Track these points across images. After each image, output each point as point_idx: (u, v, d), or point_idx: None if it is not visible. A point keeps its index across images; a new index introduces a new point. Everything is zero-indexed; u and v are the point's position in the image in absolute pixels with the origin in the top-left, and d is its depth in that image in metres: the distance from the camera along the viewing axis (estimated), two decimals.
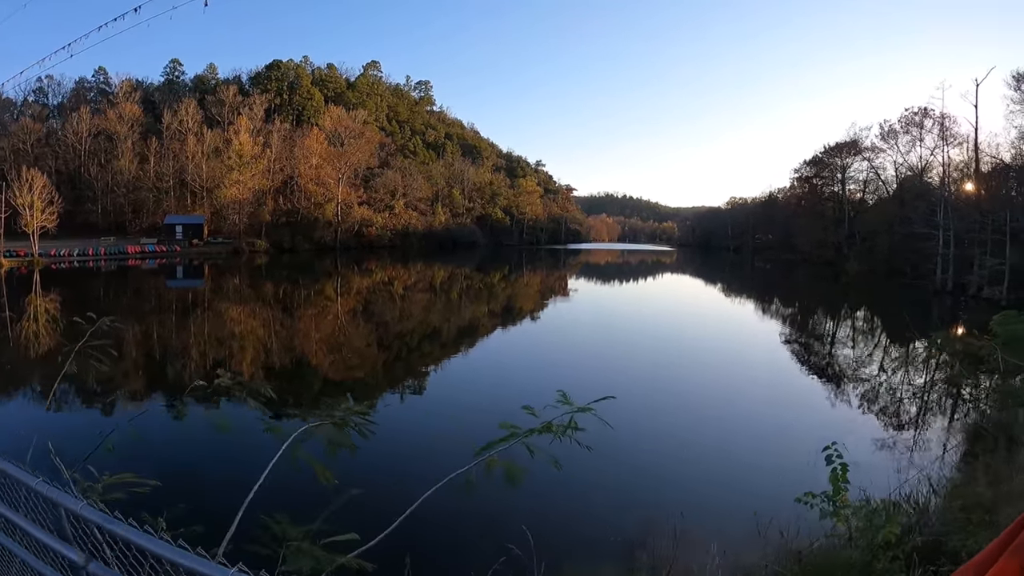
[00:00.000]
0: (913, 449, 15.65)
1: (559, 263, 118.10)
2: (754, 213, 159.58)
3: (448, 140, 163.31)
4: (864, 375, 26.14)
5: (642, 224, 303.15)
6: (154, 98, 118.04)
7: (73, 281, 59.39)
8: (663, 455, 14.48)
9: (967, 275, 53.55)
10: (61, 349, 13.43)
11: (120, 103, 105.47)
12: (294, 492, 5.74)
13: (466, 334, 34.94)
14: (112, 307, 41.53)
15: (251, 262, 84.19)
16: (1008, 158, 59.88)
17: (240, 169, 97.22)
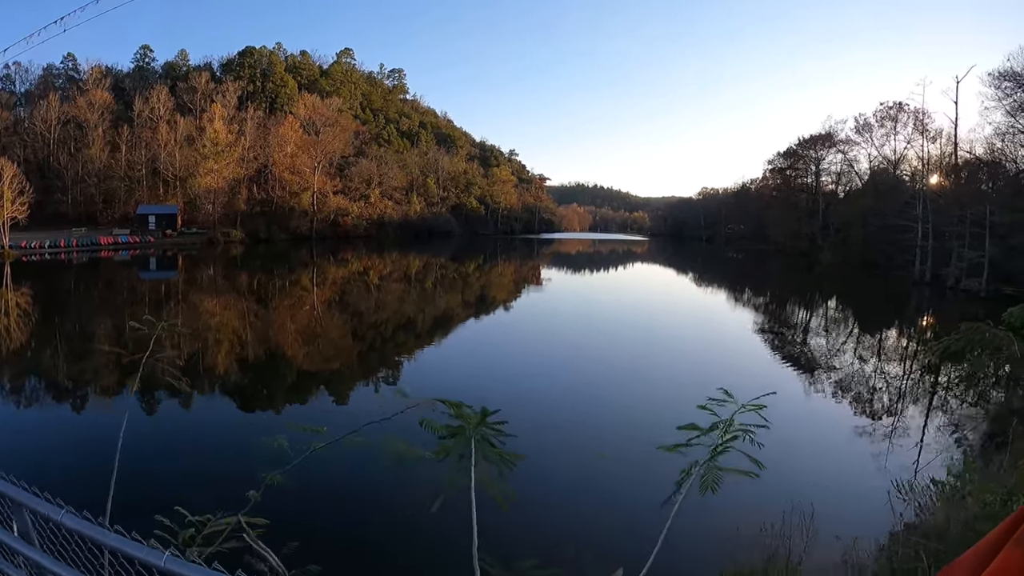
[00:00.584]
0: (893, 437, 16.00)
1: (533, 253, 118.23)
2: (726, 204, 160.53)
3: (422, 129, 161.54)
4: (880, 366, 26.48)
5: (613, 214, 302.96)
6: (124, 85, 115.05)
7: (45, 274, 57.75)
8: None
9: (944, 267, 55.10)
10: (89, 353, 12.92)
11: (90, 90, 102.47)
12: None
13: (441, 325, 34.98)
14: (87, 301, 40.91)
15: (226, 252, 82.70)
16: (980, 152, 61.00)
17: (215, 157, 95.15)
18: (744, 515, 9.51)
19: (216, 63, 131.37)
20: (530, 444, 12.25)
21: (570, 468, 13.01)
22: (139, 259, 73.91)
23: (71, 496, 3.62)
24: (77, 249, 76.05)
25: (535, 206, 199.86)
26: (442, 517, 4.26)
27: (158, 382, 18.46)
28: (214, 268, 66.48)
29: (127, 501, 4.95)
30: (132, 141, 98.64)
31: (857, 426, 17.16)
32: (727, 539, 9.06)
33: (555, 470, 12.60)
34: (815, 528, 8.64)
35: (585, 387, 20.11)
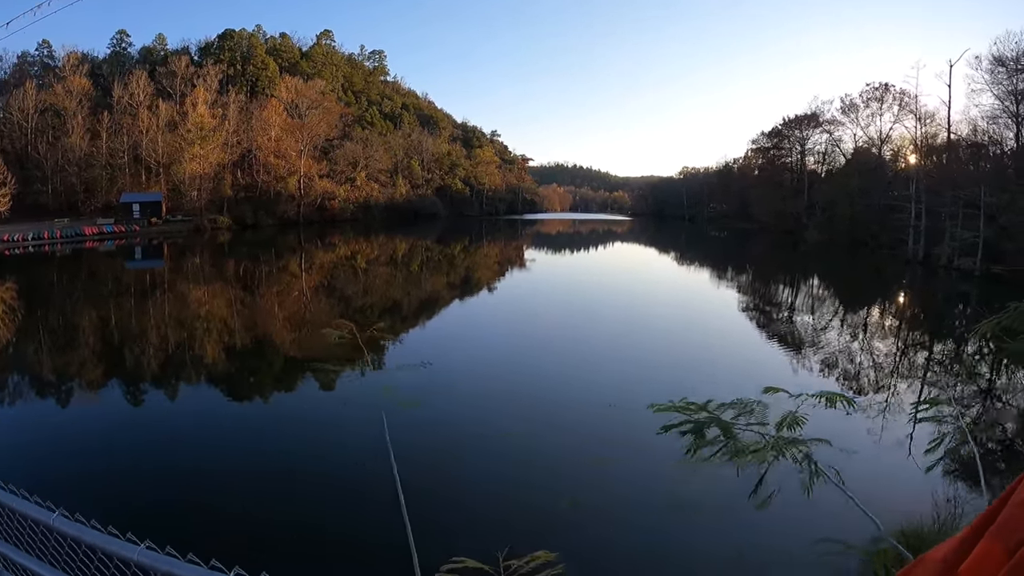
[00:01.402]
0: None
1: (518, 234, 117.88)
2: (709, 183, 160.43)
3: (405, 111, 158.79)
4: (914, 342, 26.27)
5: (593, 194, 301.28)
6: (102, 71, 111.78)
7: (30, 267, 55.80)
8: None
9: (936, 246, 55.00)
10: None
11: (68, 76, 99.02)
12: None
13: (428, 307, 34.90)
14: (74, 294, 39.27)
15: (214, 240, 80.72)
16: (965, 133, 62.43)
17: (200, 142, 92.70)
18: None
19: (194, 47, 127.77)
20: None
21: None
22: (125, 249, 71.79)
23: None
24: (61, 241, 73.54)
25: (518, 187, 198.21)
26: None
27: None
28: (205, 256, 64.99)
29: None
30: (113, 128, 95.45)
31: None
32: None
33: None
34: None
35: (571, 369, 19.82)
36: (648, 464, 11.52)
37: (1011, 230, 45.49)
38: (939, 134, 68.43)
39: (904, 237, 61.34)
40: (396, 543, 4.71)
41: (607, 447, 12.89)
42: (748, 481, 4.77)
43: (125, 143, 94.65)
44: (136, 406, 16.58)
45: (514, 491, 10.98)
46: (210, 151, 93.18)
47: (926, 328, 31.33)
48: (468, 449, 13.09)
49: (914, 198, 58.77)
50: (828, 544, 5.60)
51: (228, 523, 9.61)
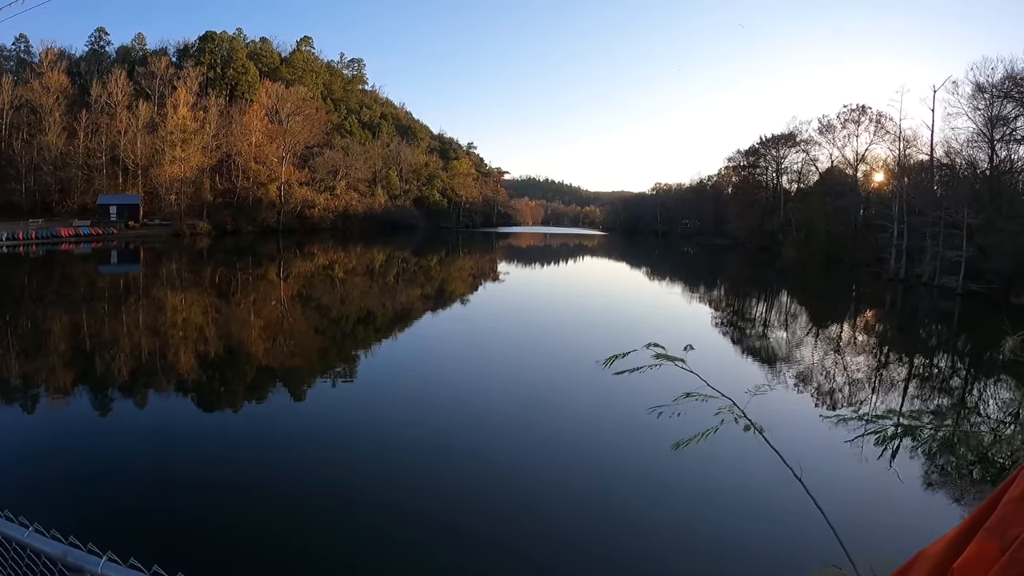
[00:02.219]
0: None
1: (493, 246, 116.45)
2: (683, 199, 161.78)
3: (383, 120, 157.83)
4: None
5: (564, 208, 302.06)
6: (79, 69, 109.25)
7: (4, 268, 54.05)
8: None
9: (917, 265, 56.64)
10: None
11: (45, 72, 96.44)
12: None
13: (403, 318, 34.08)
14: (48, 297, 37.43)
15: (193, 245, 78.66)
16: (939, 154, 63.58)
17: (182, 145, 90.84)
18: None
19: (172, 49, 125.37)
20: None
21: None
22: (103, 252, 69.68)
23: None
24: (36, 241, 71.28)
25: (494, 199, 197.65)
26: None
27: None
28: (183, 262, 63.14)
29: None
30: (90, 127, 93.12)
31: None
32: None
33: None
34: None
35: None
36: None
37: (988, 250, 47.08)
38: (915, 155, 70.25)
39: (882, 255, 62.56)
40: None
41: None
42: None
43: (103, 143, 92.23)
44: (104, 415, 15.99)
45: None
46: (191, 154, 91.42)
47: (932, 344, 32.13)
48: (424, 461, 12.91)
49: (896, 218, 59.63)
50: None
51: (185, 530, 9.39)
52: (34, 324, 29.29)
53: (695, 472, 12.18)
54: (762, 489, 10.75)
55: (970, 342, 32.17)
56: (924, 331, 36.70)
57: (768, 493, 10.44)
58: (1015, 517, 1.51)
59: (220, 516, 9.92)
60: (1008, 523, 1.51)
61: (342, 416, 15.88)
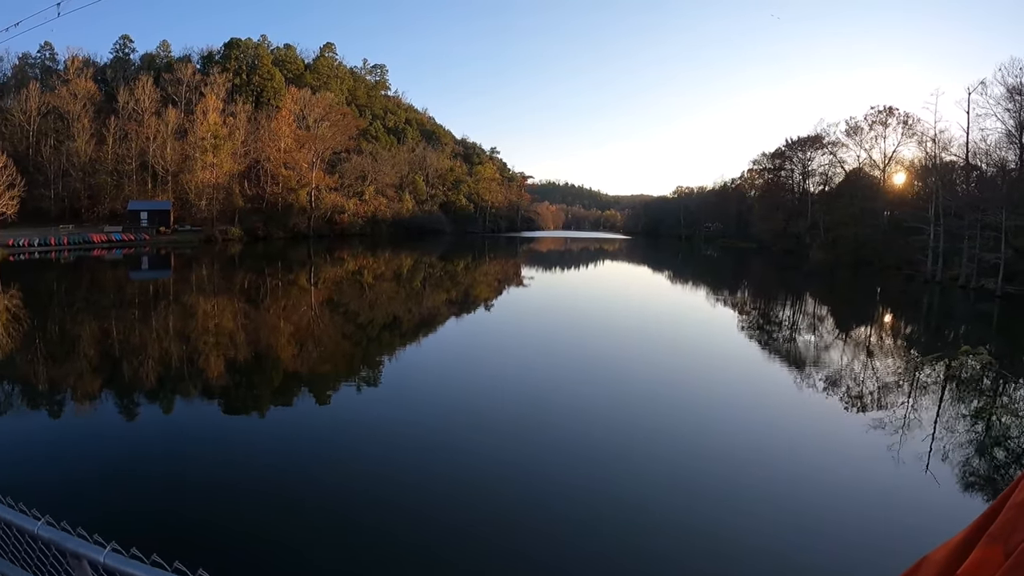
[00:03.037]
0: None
1: (517, 251, 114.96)
2: (706, 202, 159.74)
3: (408, 125, 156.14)
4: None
5: (585, 212, 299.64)
6: (105, 76, 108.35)
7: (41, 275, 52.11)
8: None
9: (952, 267, 57.06)
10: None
11: (72, 79, 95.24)
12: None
13: (431, 324, 33.57)
14: (87, 305, 35.71)
15: (225, 251, 76.98)
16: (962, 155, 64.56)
17: (213, 151, 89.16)
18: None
19: (196, 56, 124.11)
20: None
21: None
22: (135, 258, 68.03)
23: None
24: (68, 247, 69.70)
25: (518, 204, 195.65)
26: None
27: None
28: (217, 268, 61.59)
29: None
30: (119, 134, 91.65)
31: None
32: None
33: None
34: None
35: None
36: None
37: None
38: (945, 157, 68.76)
39: (912, 257, 63.19)
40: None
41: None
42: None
43: (133, 149, 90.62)
44: (130, 419, 15.63)
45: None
46: (223, 160, 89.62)
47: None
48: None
49: (932, 220, 58.74)
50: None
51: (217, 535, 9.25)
52: (73, 329, 28.10)
53: (718, 477, 12.02)
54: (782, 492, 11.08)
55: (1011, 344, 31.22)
56: (966, 332, 35.11)
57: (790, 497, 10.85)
58: (1019, 522, 1.53)
59: (248, 516, 9.91)
60: (1012, 529, 1.53)
61: (368, 419, 15.88)
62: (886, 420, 16.09)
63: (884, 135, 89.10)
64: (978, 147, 62.29)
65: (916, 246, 62.24)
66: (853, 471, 12.59)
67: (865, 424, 15.90)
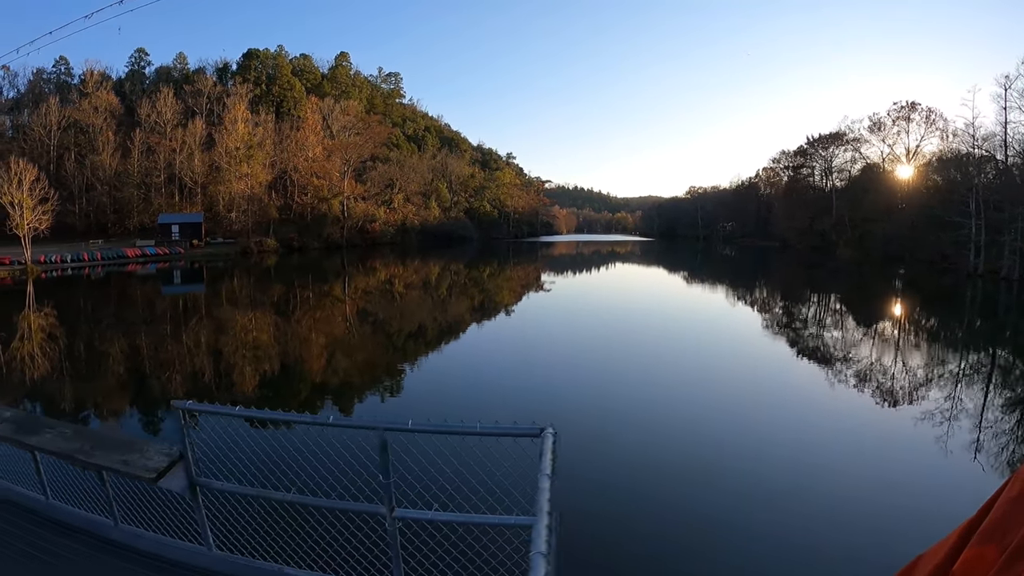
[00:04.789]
0: None
1: (538, 256, 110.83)
2: (722, 202, 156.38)
3: (427, 133, 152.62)
4: None
5: (596, 215, 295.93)
6: (123, 89, 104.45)
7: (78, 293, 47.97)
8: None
9: (989, 261, 56.28)
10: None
11: (92, 93, 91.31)
12: None
13: (460, 328, 33.09)
14: (143, 321, 33.35)
15: (261, 263, 73.16)
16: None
17: (248, 161, 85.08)
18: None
19: (211, 68, 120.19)
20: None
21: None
22: (170, 272, 64.34)
23: None
24: (102, 263, 65.61)
25: (536, 209, 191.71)
26: None
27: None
28: (256, 281, 57.74)
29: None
30: (143, 146, 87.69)
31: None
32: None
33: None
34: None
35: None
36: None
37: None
38: (967, 150, 67.84)
39: (945, 252, 62.85)
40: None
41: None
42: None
43: (160, 162, 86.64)
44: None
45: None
46: (257, 170, 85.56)
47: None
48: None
49: (973, 214, 57.62)
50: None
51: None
52: (158, 350, 25.38)
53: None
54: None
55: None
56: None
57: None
58: (1012, 520, 1.53)
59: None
60: (1006, 526, 1.54)
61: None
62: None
63: (908, 130, 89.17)
64: (1011, 140, 60.97)
65: (948, 240, 61.28)
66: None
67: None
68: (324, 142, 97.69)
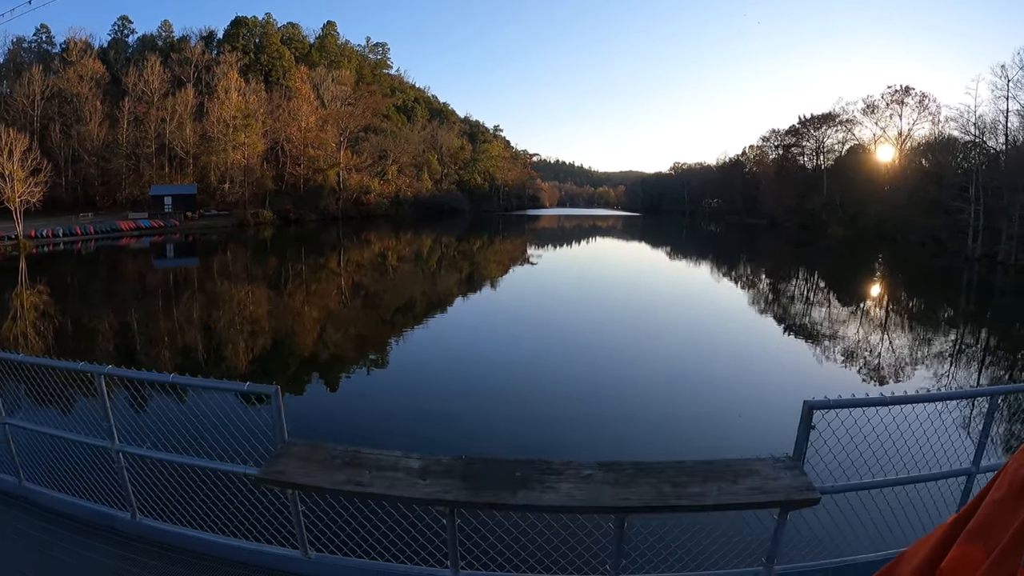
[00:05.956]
0: None
1: (529, 230, 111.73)
2: (709, 179, 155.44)
3: (417, 104, 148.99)
4: None
5: (578, 189, 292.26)
6: (108, 58, 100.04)
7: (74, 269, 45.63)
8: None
9: (985, 245, 56.83)
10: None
11: (77, 61, 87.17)
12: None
13: (440, 305, 33.33)
14: (159, 300, 31.75)
15: (257, 236, 70.71)
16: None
17: (246, 130, 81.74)
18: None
19: (195, 37, 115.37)
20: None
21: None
22: (167, 245, 61.84)
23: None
24: (95, 237, 62.71)
25: (525, 182, 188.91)
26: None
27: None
28: (262, 254, 56.07)
29: None
30: (131, 116, 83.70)
31: None
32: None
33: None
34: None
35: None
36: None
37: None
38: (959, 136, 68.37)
39: (938, 235, 62.92)
40: None
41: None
42: None
43: (150, 132, 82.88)
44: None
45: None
46: (255, 140, 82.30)
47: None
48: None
49: (973, 200, 57.94)
50: None
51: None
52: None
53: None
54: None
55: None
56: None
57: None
58: (998, 520, 1.55)
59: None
60: (992, 525, 1.56)
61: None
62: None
63: (901, 114, 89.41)
64: (1009, 128, 61.34)
65: (941, 224, 61.92)
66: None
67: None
68: (318, 111, 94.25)
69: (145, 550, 4.62)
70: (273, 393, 4.03)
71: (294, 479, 3.72)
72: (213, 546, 4.64)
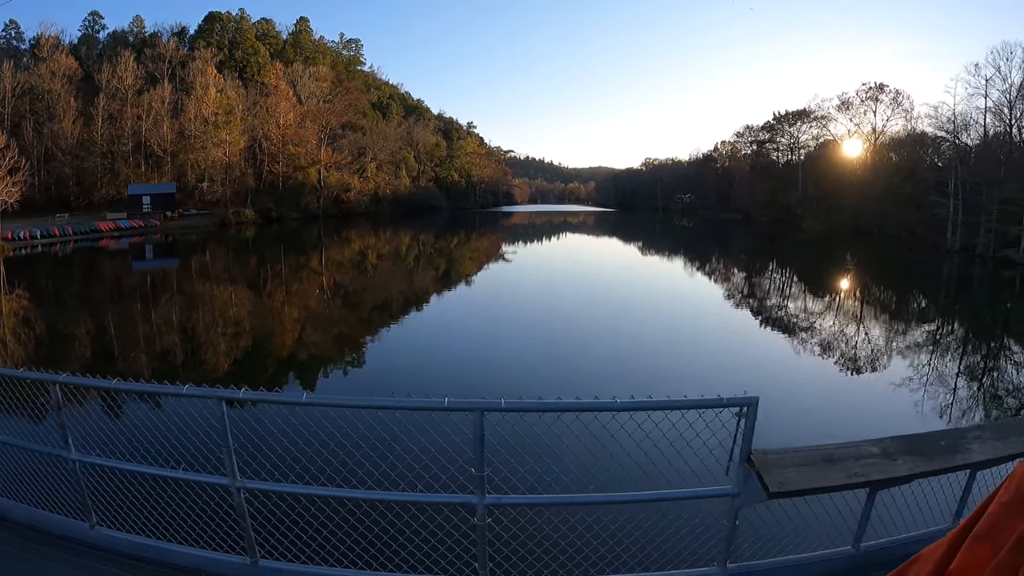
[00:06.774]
0: None
1: (504, 227, 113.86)
2: (681, 175, 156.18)
3: (392, 101, 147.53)
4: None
5: (549, 185, 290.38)
6: (79, 54, 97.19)
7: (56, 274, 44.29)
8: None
9: (965, 239, 58.66)
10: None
11: (48, 57, 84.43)
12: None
13: (423, 299, 35.30)
14: (140, 303, 31.99)
15: (239, 235, 69.52)
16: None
17: (227, 127, 79.96)
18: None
19: (166, 33, 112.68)
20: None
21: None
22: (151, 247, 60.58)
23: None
24: (74, 238, 60.92)
25: (500, 179, 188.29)
26: None
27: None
28: (241, 255, 54.90)
29: None
30: (105, 113, 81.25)
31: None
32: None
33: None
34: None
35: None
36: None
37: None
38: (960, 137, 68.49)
39: (914, 228, 64.94)
40: None
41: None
42: None
43: (126, 129, 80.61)
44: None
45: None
46: (237, 137, 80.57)
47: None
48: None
49: (952, 195, 59.75)
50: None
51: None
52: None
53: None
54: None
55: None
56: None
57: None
58: (1005, 521, 1.58)
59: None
60: (999, 527, 1.59)
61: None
62: None
63: (875, 110, 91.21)
64: (983, 124, 63.67)
65: (918, 218, 63.75)
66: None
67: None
68: (296, 108, 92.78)
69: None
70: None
71: (804, 485, 3.81)
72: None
